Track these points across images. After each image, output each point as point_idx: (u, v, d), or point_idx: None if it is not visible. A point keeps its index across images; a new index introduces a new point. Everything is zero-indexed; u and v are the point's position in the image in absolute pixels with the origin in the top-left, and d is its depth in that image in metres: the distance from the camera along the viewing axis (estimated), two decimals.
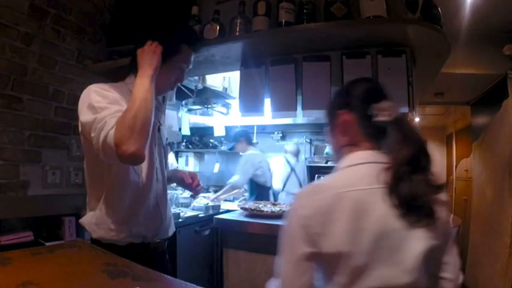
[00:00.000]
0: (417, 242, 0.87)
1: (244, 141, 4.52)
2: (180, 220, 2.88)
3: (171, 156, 3.84)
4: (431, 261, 0.92)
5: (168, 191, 3.19)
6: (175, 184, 3.58)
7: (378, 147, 1.00)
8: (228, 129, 4.77)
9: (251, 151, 4.50)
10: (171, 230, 1.74)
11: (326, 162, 4.63)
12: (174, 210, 2.92)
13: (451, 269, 0.99)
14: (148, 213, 1.50)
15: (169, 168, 3.52)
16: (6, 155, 2.13)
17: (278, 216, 2.07)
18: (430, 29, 1.80)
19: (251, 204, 2.39)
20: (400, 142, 0.94)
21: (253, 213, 2.17)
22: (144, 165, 1.47)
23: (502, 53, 2.82)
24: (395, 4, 1.87)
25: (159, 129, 1.63)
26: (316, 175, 4.63)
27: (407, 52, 1.94)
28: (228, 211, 3.03)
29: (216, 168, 5.02)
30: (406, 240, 0.86)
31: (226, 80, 3.60)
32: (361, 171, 0.96)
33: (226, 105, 4.07)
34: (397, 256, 0.86)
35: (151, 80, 1.40)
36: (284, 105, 2.16)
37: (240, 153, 4.58)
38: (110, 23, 2.70)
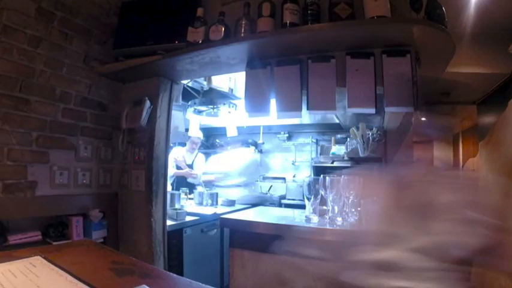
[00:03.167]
0: None
1: None
2: (186, 220, 2.90)
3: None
4: None
5: (171, 191, 3.23)
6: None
7: None
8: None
9: None
10: None
11: (332, 163, 4.62)
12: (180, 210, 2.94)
13: None
14: None
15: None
16: (14, 156, 2.16)
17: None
18: (435, 28, 1.80)
19: None
20: None
21: None
22: None
23: (507, 52, 2.80)
24: (399, 4, 1.87)
25: None
26: (322, 175, 4.62)
27: (411, 52, 1.94)
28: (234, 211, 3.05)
29: None
30: None
31: (232, 81, 3.61)
32: None
33: (233, 106, 4.09)
34: None
35: None
36: (289, 105, 2.17)
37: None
38: (116, 25, 2.72)
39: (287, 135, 5.29)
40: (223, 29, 2.16)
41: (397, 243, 0.95)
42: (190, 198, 3.89)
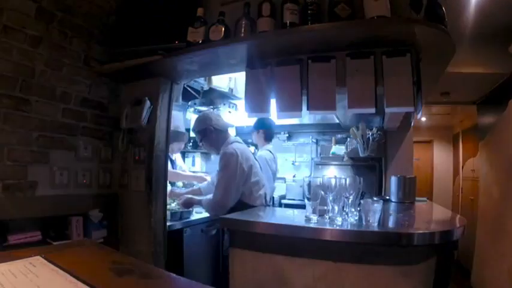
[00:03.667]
0: None
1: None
2: (186, 220, 2.89)
3: (178, 158, 3.87)
4: None
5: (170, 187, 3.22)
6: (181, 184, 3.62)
7: None
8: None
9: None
10: None
11: None
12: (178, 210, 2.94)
13: None
14: None
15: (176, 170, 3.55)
16: (14, 156, 2.16)
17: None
18: (435, 28, 1.80)
19: None
20: None
21: None
22: None
23: (507, 52, 2.80)
24: (399, 4, 1.87)
25: None
26: (322, 175, 4.63)
27: (412, 52, 1.94)
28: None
29: None
30: None
31: (232, 81, 3.61)
32: None
33: (233, 106, 4.08)
34: None
35: None
36: (289, 105, 2.17)
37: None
38: (115, 25, 2.72)
39: (287, 135, 5.30)
40: (223, 29, 2.16)
41: None
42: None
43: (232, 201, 2.61)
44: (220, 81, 3.46)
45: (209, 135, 2.84)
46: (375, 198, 2.56)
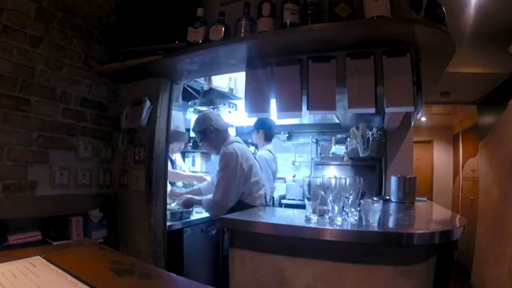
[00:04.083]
0: None
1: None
2: (186, 220, 2.89)
3: (178, 158, 3.87)
4: None
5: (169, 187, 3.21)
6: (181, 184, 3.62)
7: None
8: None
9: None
10: None
11: None
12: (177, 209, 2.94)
13: None
14: None
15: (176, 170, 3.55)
16: (14, 156, 2.16)
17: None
18: (435, 28, 1.80)
19: None
20: None
21: None
22: None
23: (507, 52, 2.79)
24: (399, 4, 1.87)
25: None
26: (322, 175, 4.62)
27: (412, 52, 1.94)
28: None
29: None
30: None
31: (232, 81, 3.62)
32: None
33: (233, 106, 4.08)
34: None
35: None
36: (289, 105, 2.17)
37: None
38: (115, 25, 2.72)
39: (287, 135, 5.30)
40: (223, 29, 2.16)
41: None
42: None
43: (232, 201, 2.61)
44: (220, 81, 3.46)
45: (209, 135, 2.85)
46: (375, 198, 2.56)
